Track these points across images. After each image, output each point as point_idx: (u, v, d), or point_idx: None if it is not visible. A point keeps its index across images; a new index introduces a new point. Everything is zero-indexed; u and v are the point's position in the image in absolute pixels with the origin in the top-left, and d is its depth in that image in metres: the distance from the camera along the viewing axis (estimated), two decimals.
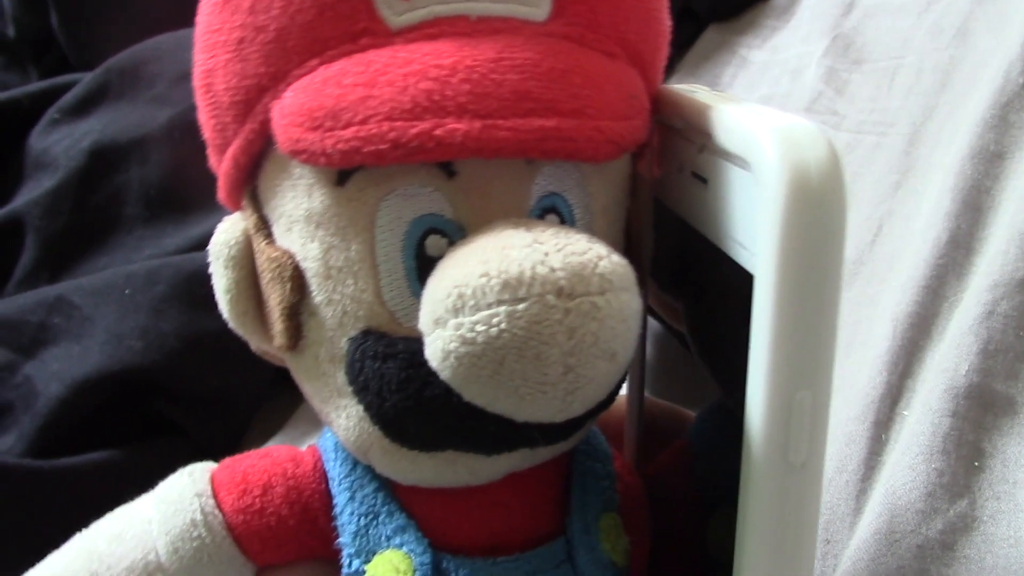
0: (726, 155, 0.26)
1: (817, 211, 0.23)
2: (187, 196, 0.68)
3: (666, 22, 0.32)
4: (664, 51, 0.32)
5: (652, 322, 0.35)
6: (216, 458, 0.35)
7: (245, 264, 0.30)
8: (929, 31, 0.74)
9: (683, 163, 0.30)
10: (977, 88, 0.62)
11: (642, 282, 0.30)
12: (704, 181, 0.28)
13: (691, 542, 0.32)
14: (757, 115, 0.25)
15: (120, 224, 0.68)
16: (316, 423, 0.63)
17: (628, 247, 0.31)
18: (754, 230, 0.24)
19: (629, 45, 0.29)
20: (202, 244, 0.65)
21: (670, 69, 0.88)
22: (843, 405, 0.47)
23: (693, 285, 0.31)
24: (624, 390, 0.36)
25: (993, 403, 0.43)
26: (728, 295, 0.27)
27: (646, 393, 0.37)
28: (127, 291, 0.60)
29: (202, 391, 0.61)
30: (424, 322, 0.26)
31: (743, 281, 0.25)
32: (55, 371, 0.59)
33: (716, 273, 0.28)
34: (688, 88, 0.30)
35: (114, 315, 0.60)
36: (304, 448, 0.33)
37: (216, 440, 0.62)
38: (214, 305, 0.32)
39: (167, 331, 0.59)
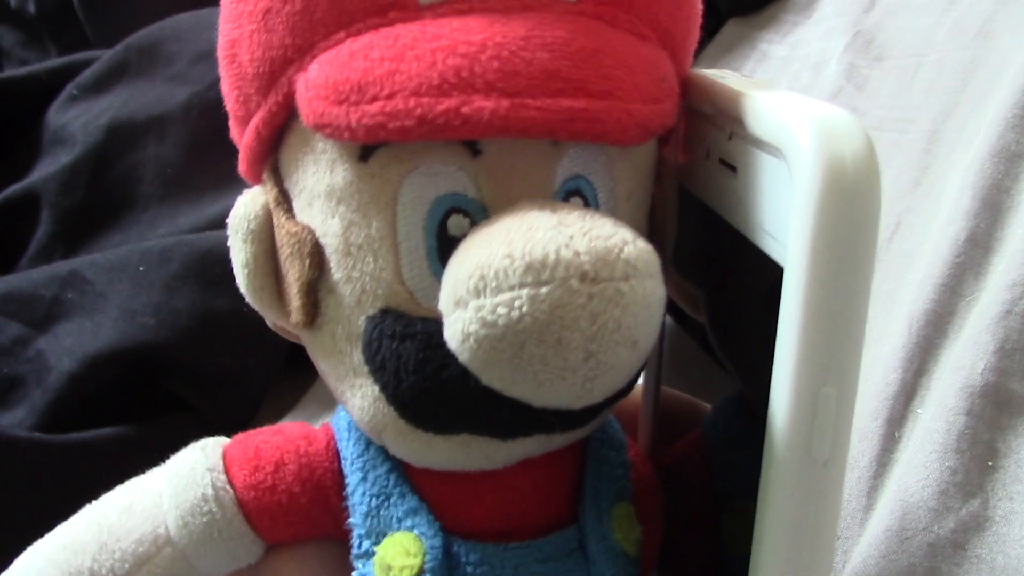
0: (757, 143, 0.25)
1: (852, 203, 0.22)
2: (203, 175, 0.68)
3: (698, 5, 0.31)
4: (695, 34, 0.32)
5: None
6: (227, 436, 0.35)
7: (264, 238, 0.30)
8: (951, 30, 0.74)
9: (711, 150, 0.29)
10: (999, 88, 0.62)
11: (664, 268, 0.30)
12: (733, 169, 0.27)
13: (704, 533, 0.32)
14: (791, 103, 0.24)
15: (135, 201, 0.68)
16: (328, 403, 0.64)
17: (651, 233, 0.31)
18: (785, 221, 0.23)
19: (660, 27, 0.29)
20: (216, 223, 0.66)
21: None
22: (857, 401, 0.47)
23: (716, 274, 0.31)
24: (640, 379, 0.36)
25: (1009, 402, 0.43)
26: (753, 286, 0.26)
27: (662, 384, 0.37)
28: (141, 268, 0.60)
29: (214, 369, 0.61)
30: (444, 303, 0.25)
31: (770, 272, 0.24)
32: (67, 346, 0.59)
33: (741, 263, 0.27)
34: (717, 73, 0.30)
35: (127, 291, 0.60)
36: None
37: (227, 419, 0.62)
38: (227, 284, 0.32)
39: (180, 308, 0.59)
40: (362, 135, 0.25)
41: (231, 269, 0.32)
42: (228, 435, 0.62)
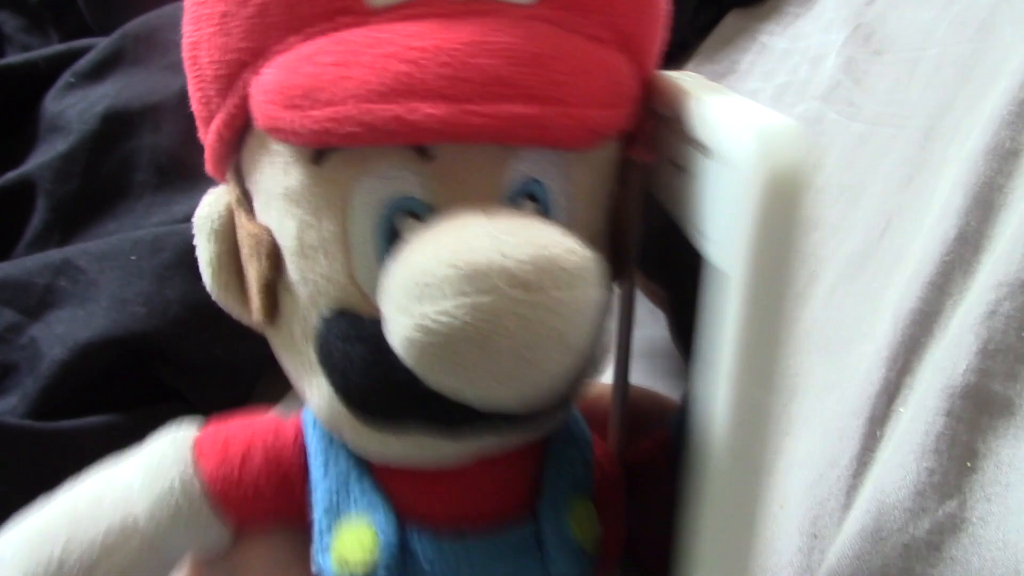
0: (702, 148, 0.26)
1: (789, 212, 0.23)
2: (197, 165, 0.67)
3: (662, 7, 0.31)
4: (660, 35, 0.31)
5: (640, 309, 0.35)
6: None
7: (227, 237, 0.31)
8: (952, 24, 0.73)
9: (668, 153, 0.29)
10: (997, 83, 0.62)
11: (627, 269, 0.30)
12: (683, 171, 0.28)
13: (669, 530, 0.32)
14: (735, 109, 0.24)
15: (130, 190, 0.68)
16: None
17: (613, 234, 0.31)
18: (725, 225, 0.24)
19: (619, 30, 0.29)
20: None
21: (689, 54, 0.87)
22: (840, 399, 0.47)
23: (677, 275, 0.31)
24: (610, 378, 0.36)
25: (990, 404, 0.42)
26: (700, 286, 0.27)
27: (637, 383, 0.37)
28: (133, 257, 0.61)
29: (204, 359, 0.61)
30: (386, 306, 0.25)
31: (711, 275, 0.25)
32: (59, 334, 0.59)
33: (693, 263, 0.27)
34: (680, 75, 0.29)
35: (119, 280, 0.60)
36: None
37: (216, 408, 0.61)
38: None
39: (171, 298, 0.60)
40: (311, 140, 0.25)
41: None
42: None
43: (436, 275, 0.24)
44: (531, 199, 0.28)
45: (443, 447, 0.29)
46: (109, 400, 0.59)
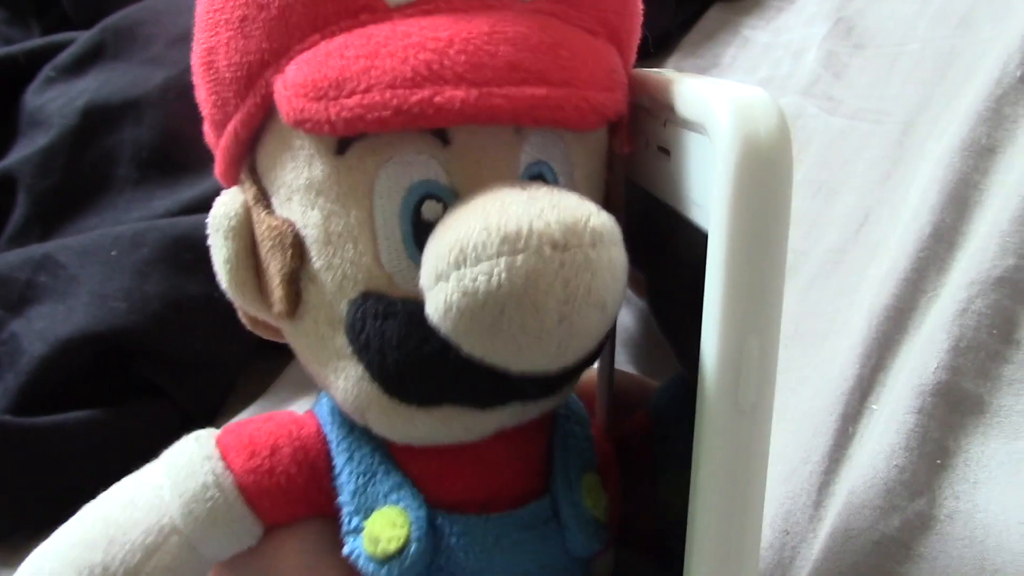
0: (686, 124, 0.28)
1: (766, 170, 0.24)
2: (178, 159, 0.68)
3: (639, 4, 0.33)
4: (638, 32, 0.33)
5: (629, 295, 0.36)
6: (197, 421, 0.35)
7: (244, 235, 0.32)
8: (933, 18, 0.73)
9: (649, 139, 0.31)
10: (975, 79, 0.62)
11: None
12: (667, 152, 0.29)
13: (651, 508, 0.33)
14: (714, 86, 0.26)
15: (111, 184, 0.68)
16: (297, 389, 0.64)
17: None
18: (710, 190, 0.25)
19: (608, 24, 0.31)
20: (191, 208, 0.66)
21: (671, 47, 0.87)
22: (814, 395, 0.47)
23: (654, 257, 0.32)
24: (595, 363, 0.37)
25: (961, 401, 0.43)
26: (685, 259, 0.28)
27: (629, 367, 0.38)
28: (113, 252, 0.61)
29: (184, 354, 0.61)
30: (426, 277, 0.27)
31: (699, 242, 0.26)
32: (40, 330, 0.59)
33: (674, 241, 0.29)
34: (655, 71, 0.32)
35: (99, 276, 0.60)
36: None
37: (197, 404, 0.62)
38: (198, 269, 0.32)
39: (151, 293, 0.60)
40: (341, 128, 0.27)
41: (203, 255, 0.33)
42: (198, 419, 0.61)
43: (474, 239, 0.25)
44: (540, 180, 0.30)
45: (469, 421, 0.30)
46: (89, 396, 0.60)
